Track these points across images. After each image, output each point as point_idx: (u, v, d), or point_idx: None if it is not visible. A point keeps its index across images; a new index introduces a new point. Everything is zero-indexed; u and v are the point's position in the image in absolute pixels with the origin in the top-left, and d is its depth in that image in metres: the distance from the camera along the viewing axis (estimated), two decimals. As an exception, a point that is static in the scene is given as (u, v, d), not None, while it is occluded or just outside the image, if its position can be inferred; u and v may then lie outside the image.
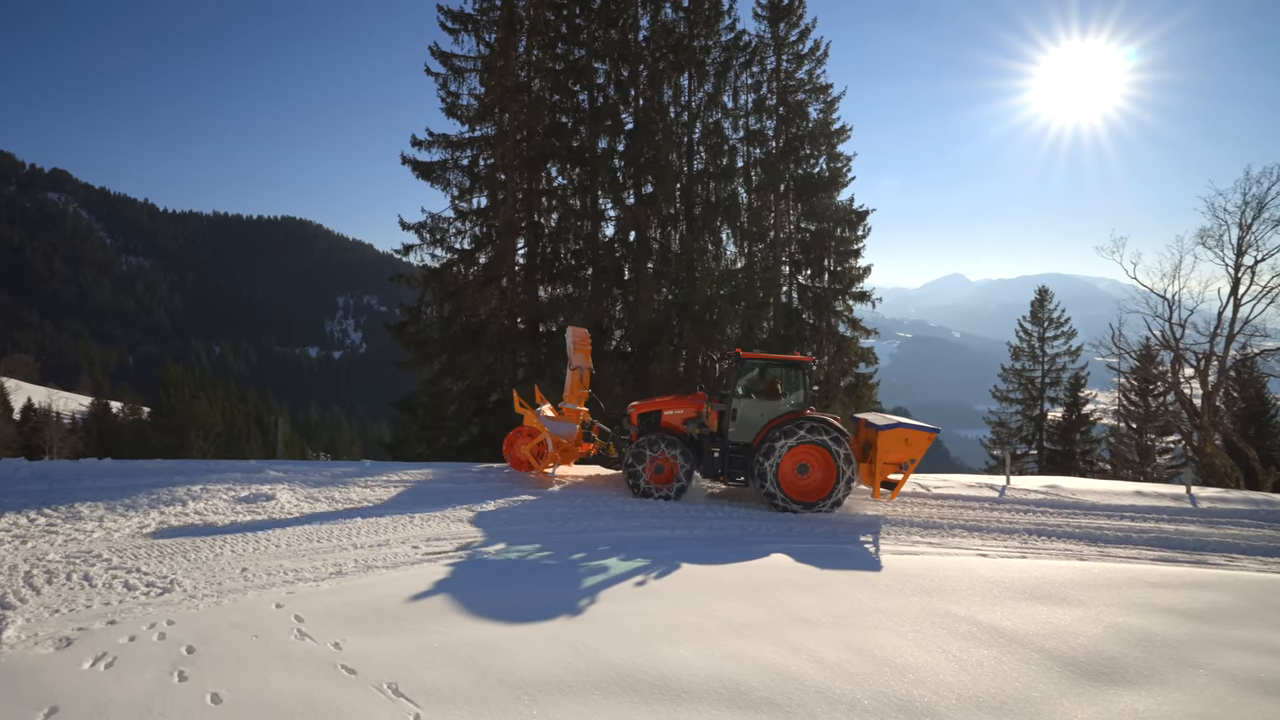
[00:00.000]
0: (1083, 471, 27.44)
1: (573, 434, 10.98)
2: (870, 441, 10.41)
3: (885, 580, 6.14)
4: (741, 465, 10.15)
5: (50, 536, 6.30)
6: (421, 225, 21.13)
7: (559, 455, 10.83)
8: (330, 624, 4.40)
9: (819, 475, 9.93)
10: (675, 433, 10.37)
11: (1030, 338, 31.40)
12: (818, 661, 4.37)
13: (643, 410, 10.76)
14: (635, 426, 10.72)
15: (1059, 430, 29.95)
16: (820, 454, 9.87)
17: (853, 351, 23.57)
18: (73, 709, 3.27)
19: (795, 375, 10.58)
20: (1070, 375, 30.47)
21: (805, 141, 23.85)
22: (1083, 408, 29.74)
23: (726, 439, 10.21)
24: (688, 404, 10.73)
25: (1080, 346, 30.81)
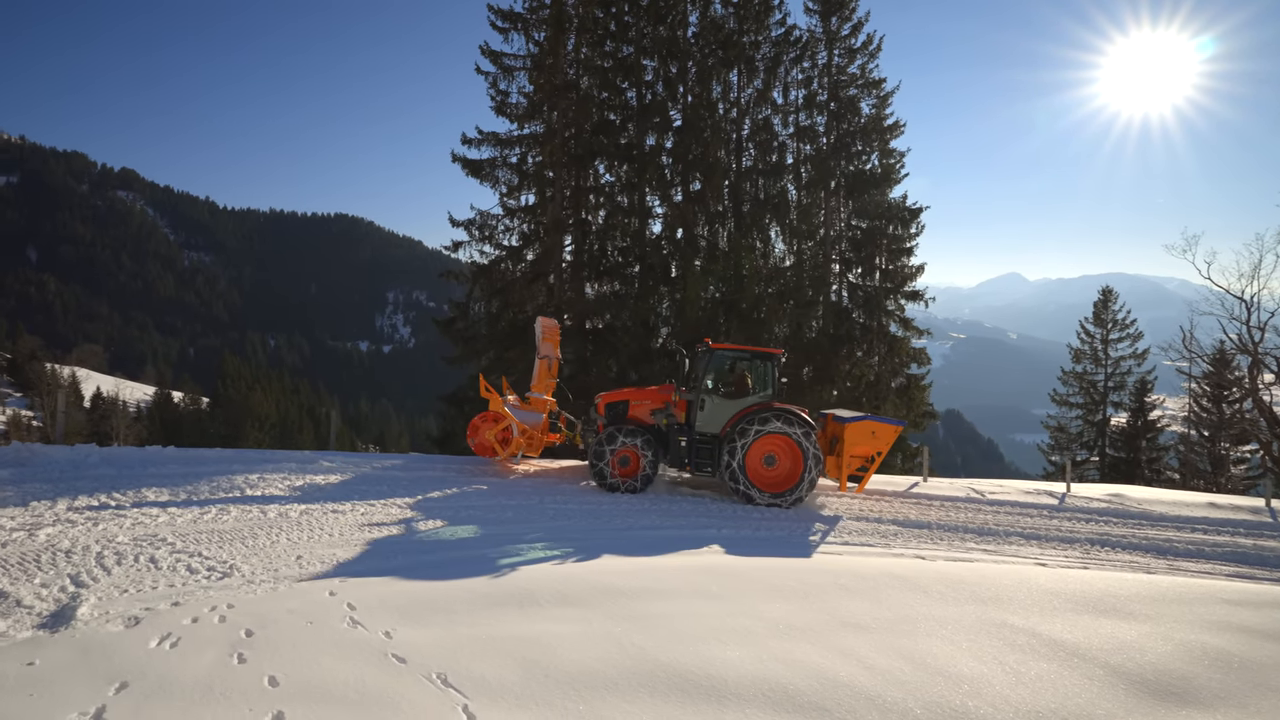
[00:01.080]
0: (1149, 480, 26.17)
1: (539, 423, 10.93)
2: (837, 435, 10.49)
3: (938, 587, 5.95)
4: (708, 455, 10.17)
5: (119, 520, 6.60)
6: (470, 222, 21.48)
7: (523, 442, 10.71)
8: (381, 613, 4.48)
9: (786, 466, 9.98)
10: (640, 423, 10.33)
11: (1093, 340, 30.11)
12: (868, 668, 4.26)
13: (610, 400, 10.74)
14: (602, 417, 10.66)
15: (1123, 437, 28.65)
16: (788, 445, 9.91)
17: (904, 352, 23.03)
18: (141, 684, 3.41)
19: (764, 367, 10.66)
20: (1136, 379, 29.08)
21: (857, 137, 23.39)
22: (1149, 413, 28.38)
23: (694, 429, 10.22)
24: (655, 394, 10.76)
25: (1147, 350, 29.37)
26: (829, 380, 21.92)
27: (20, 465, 8.35)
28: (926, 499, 10.47)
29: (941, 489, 11.45)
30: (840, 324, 22.63)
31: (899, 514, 9.52)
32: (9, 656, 3.58)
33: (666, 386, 10.93)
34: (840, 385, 22.22)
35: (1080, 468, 28.00)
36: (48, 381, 55.72)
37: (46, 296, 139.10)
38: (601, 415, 10.62)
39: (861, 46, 23.58)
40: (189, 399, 53.92)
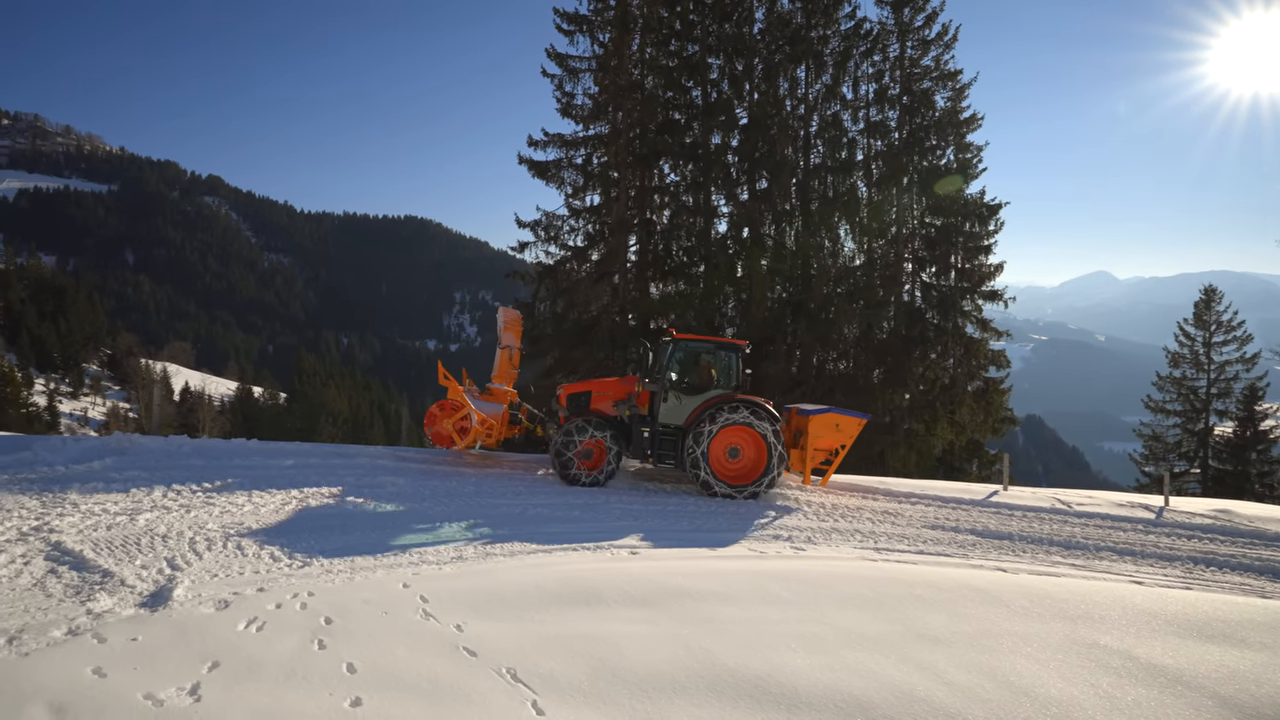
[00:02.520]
0: (1259, 496, 24.14)
1: (498, 414, 10.76)
2: (801, 428, 10.34)
3: (1022, 602, 5.64)
4: (671, 447, 10.06)
5: (209, 508, 6.98)
6: (536, 223, 21.83)
7: (481, 432, 10.41)
8: (453, 606, 4.58)
9: (750, 458, 9.89)
10: (602, 415, 10.18)
11: (1193, 342, 27.96)
12: (947, 684, 4.07)
13: (572, 392, 10.60)
14: (564, 408, 10.53)
15: (1228, 448, 26.50)
16: (752, 436, 9.84)
17: (981, 354, 22.04)
18: (230, 665, 3.59)
19: (729, 358, 10.48)
20: (1244, 386, 26.82)
21: (931, 132, 22.53)
22: (1260, 423, 26.13)
23: (657, 420, 10.10)
24: (618, 385, 10.63)
25: (1257, 354, 27.06)
26: (900, 383, 21.21)
27: (121, 454, 8.95)
28: (1007, 508, 9.96)
29: (1023, 498, 10.88)
30: (913, 325, 21.87)
31: (977, 523, 9.09)
32: (116, 631, 3.83)
33: (630, 378, 10.88)
34: (912, 388, 21.47)
35: (1179, 480, 26.08)
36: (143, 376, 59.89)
37: (142, 296, 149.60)
38: (564, 407, 10.53)
39: (936, 37, 22.71)
40: (268, 394, 56.94)
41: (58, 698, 3.11)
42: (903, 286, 22.58)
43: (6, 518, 5.97)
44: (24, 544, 5.32)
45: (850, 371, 21.79)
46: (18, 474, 7.54)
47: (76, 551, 5.21)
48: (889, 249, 22.51)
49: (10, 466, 7.85)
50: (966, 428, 21.18)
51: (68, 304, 78.68)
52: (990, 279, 22.51)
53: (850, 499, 10.02)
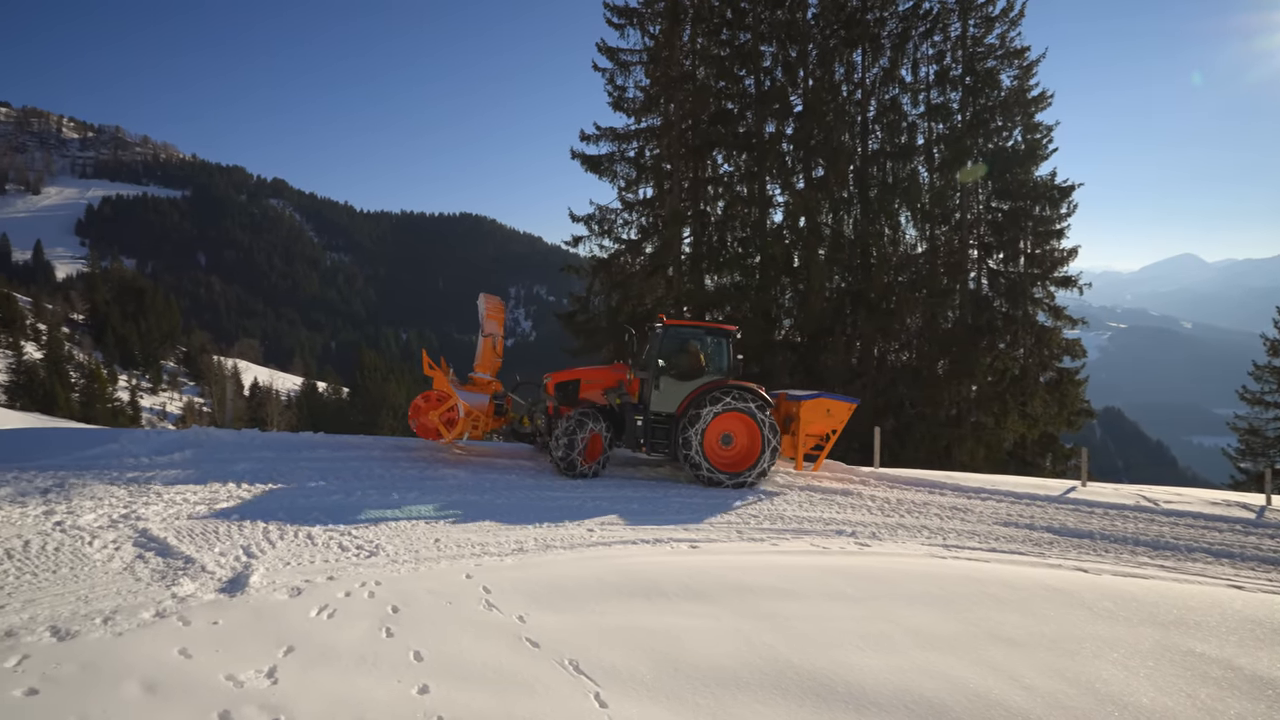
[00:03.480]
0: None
1: (483, 405, 10.32)
2: (792, 414, 10.21)
3: (1106, 604, 5.33)
4: (664, 435, 9.88)
5: (280, 498, 7.26)
6: (590, 217, 21.96)
7: (468, 424, 10.05)
8: (515, 598, 4.62)
9: (744, 445, 9.80)
10: (596, 405, 10.00)
11: (1294, 328, 25.97)
12: (1025, 688, 3.87)
13: (560, 380, 10.32)
14: (552, 397, 10.27)
15: (1340, 444, 24.52)
16: (745, 423, 9.73)
17: (1054, 343, 21.01)
18: (304, 650, 3.70)
19: (719, 344, 10.27)
20: (1357, 377, 24.77)
21: (996, 112, 21.55)
22: (1370, 415, 24.13)
23: (648, 408, 9.92)
24: (607, 374, 10.43)
25: (1372, 340, 24.97)
26: (967, 374, 20.44)
27: (199, 446, 9.42)
28: (1086, 505, 9.44)
29: (1104, 495, 10.31)
30: (980, 314, 21.02)
31: (1053, 521, 8.65)
32: (199, 615, 4.01)
33: (619, 365, 10.70)
34: (980, 379, 20.66)
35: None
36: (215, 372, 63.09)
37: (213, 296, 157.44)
38: (551, 396, 10.30)
39: (1001, 14, 21.68)
40: (331, 389, 59.18)
41: (149, 676, 3.27)
42: (968, 274, 21.73)
43: (99, 505, 6.35)
44: (114, 530, 5.64)
45: (913, 363, 21.13)
46: (107, 465, 8.02)
47: (161, 538, 5.49)
48: (953, 235, 21.70)
49: (101, 458, 8.36)
50: (1039, 420, 20.26)
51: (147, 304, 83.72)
52: (1063, 264, 21.44)
53: (916, 494, 9.70)
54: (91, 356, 71.75)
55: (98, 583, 4.52)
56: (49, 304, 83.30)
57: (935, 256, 21.46)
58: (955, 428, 20.21)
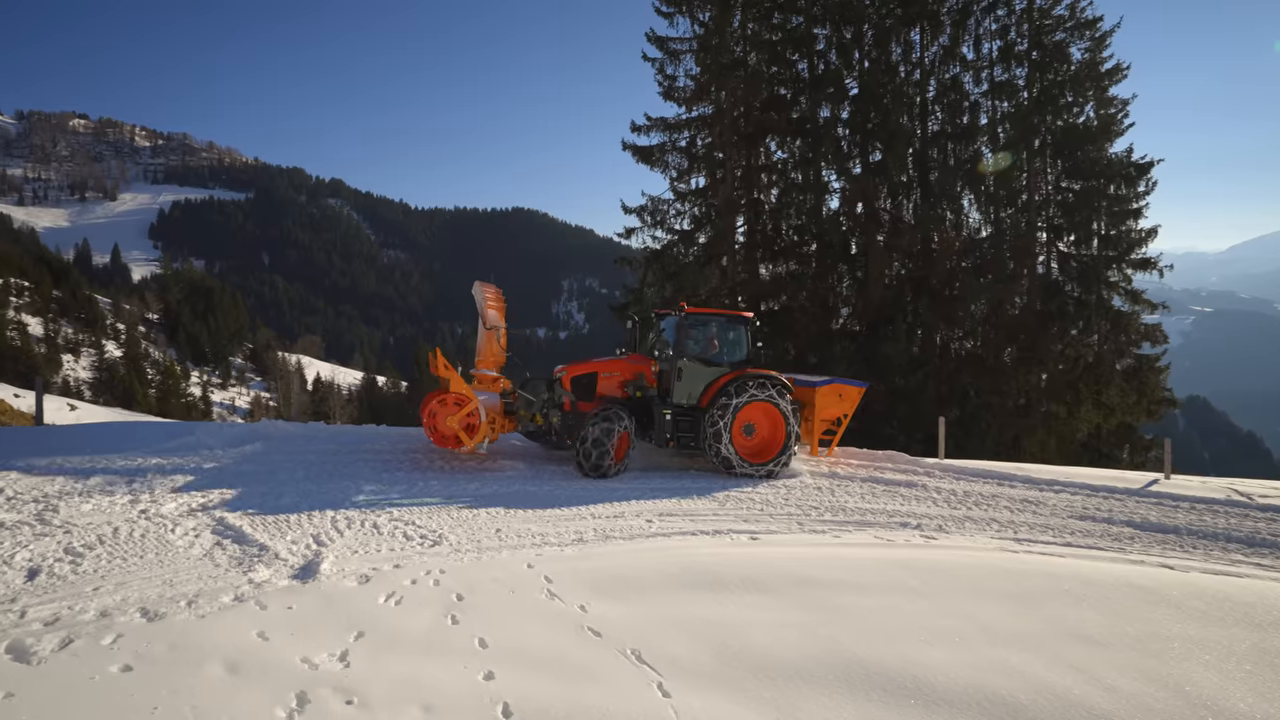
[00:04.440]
0: None
1: (496, 405, 9.58)
2: (805, 399, 10.06)
3: (1195, 604, 5.01)
4: (689, 428, 9.45)
5: (345, 489, 7.49)
6: (641, 208, 21.93)
7: (489, 429, 9.17)
8: (576, 587, 4.65)
9: (765, 434, 9.64)
10: (618, 400, 9.46)
11: (1402, 309, 23.94)
12: (1108, 689, 3.68)
13: (576, 374, 9.66)
14: (569, 392, 9.54)
15: None
16: (767, 411, 9.57)
17: (1132, 329, 19.90)
18: (374, 635, 3.82)
19: (739, 331, 10.02)
20: None
21: (1066, 88, 20.48)
22: None
23: (670, 400, 9.49)
24: (624, 366, 9.87)
25: None
26: (1037, 362, 19.58)
27: (268, 438, 9.85)
28: (1170, 499, 8.91)
29: (1190, 488, 9.70)
30: (1050, 299, 20.08)
31: (1134, 514, 8.19)
32: (274, 600, 4.18)
33: (634, 356, 10.18)
34: (1050, 368, 19.77)
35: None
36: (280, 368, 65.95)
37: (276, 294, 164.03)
38: (568, 391, 9.58)
39: (1071, -17, 20.57)
40: (390, 383, 61.10)
41: (230, 657, 3.43)
42: (1037, 258, 20.78)
43: (179, 495, 6.69)
44: (194, 519, 5.94)
45: (978, 351, 20.38)
46: (186, 456, 8.45)
47: (236, 526, 5.75)
48: (1019, 218, 20.79)
49: (179, 449, 8.82)
50: (1116, 410, 19.25)
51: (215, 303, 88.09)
52: (1141, 246, 20.29)
53: (984, 486, 9.33)
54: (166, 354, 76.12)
55: (180, 568, 4.77)
56: (126, 305, 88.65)
57: (1001, 240, 20.62)
58: (1024, 418, 19.42)
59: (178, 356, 76.87)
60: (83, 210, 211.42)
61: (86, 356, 71.15)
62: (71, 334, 73.83)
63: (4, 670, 3.16)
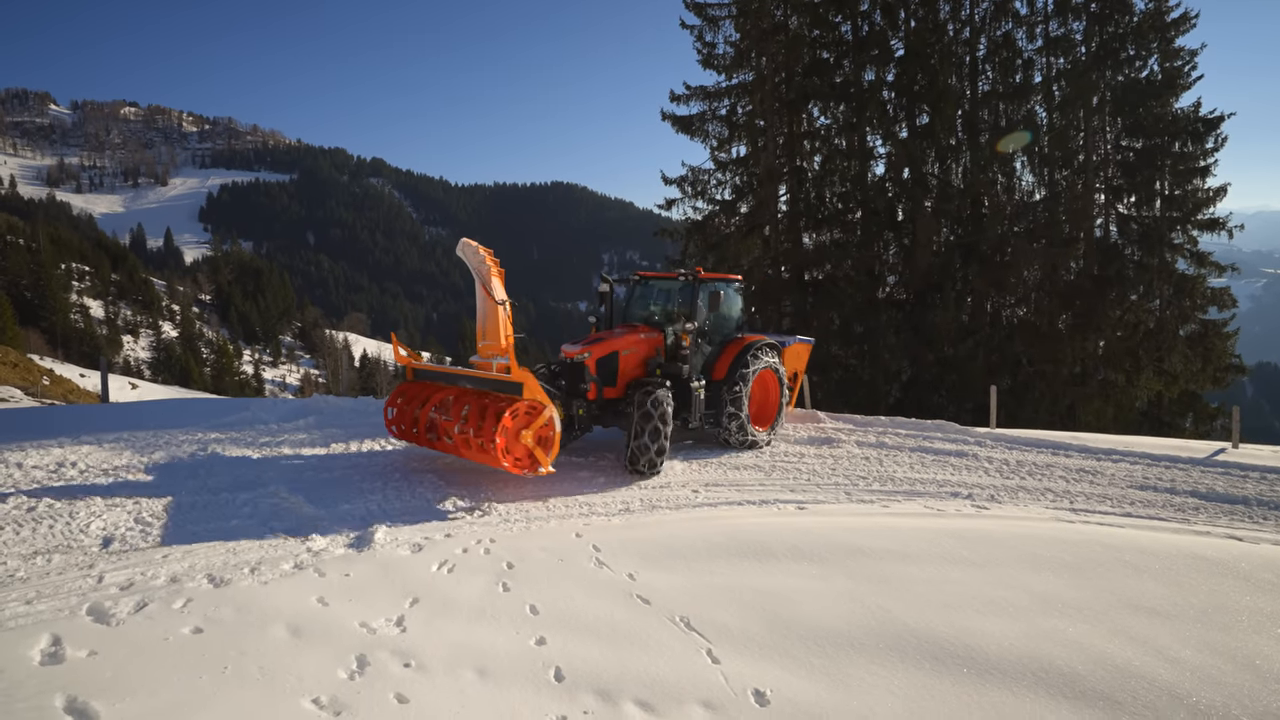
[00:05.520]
0: None
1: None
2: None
3: (1266, 575, 4.81)
4: (711, 404, 8.76)
5: (394, 459, 7.72)
6: (682, 179, 21.69)
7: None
8: (624, 556, 4.71)
9: (758, 401, 9.48)
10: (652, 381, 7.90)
11: None
12: (1170, 661, 3.57)
13: (603, 355, 8.10)
14: (595, 377, 7.98)
15: None
16: (765, 378, 9.47)
17: (1198, 293, 18.93)
18: (428, 602, 3.93)
19: (737, 296, 9.89)
20: None
21: (1128, 40, 19.33)
22: None
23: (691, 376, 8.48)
24: (641, 341, 8.45)
25: None
26: (1093, 329, 18.84)
27: (320, 413, 10.16)
28: (1239, 469, 8.51)
29: (1261, 457, 9.25)
30: (1108, 263, 19.22)
31: (1199, 485, 7.86)
32: (332, 568, 4.34)
33: (637, 328, 8.75)
34: (1108, 334, 19.00)
35: None
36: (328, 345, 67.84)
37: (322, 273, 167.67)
38: (594, 375, 8.02)
39: (1134, -72, 19.31)
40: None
41: (293, 621, 3.58)
42: (1094, 221, 19.88)
43: (237, 466, 6.97)
44: (252, 490, 6.18)
45: (1031, 318, 19.70)
46: (243, 430, 8.79)
47: (293, 498, 5.96)
48: (1075, 179, 19.87)
49: (236, 424, 9.18)
50: (1179, 378, 18.44)
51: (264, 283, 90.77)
52: (1208, 205, 19.20)
53: (1037, 455, 9.07)
54: (219, 333, 79.07)
55: (242, 536, 4.98)
56: (180, 286, 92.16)
57: (1056, 203, 19.77)
58: (1079, 386, 18.75)
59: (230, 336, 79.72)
60: (136, 196, 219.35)
61: (145, 337, 74.38)
62: (130, 316, 77.22)
63: (86, 630, 3.36)
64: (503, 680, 3.19)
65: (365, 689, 3.04)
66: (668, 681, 3.23)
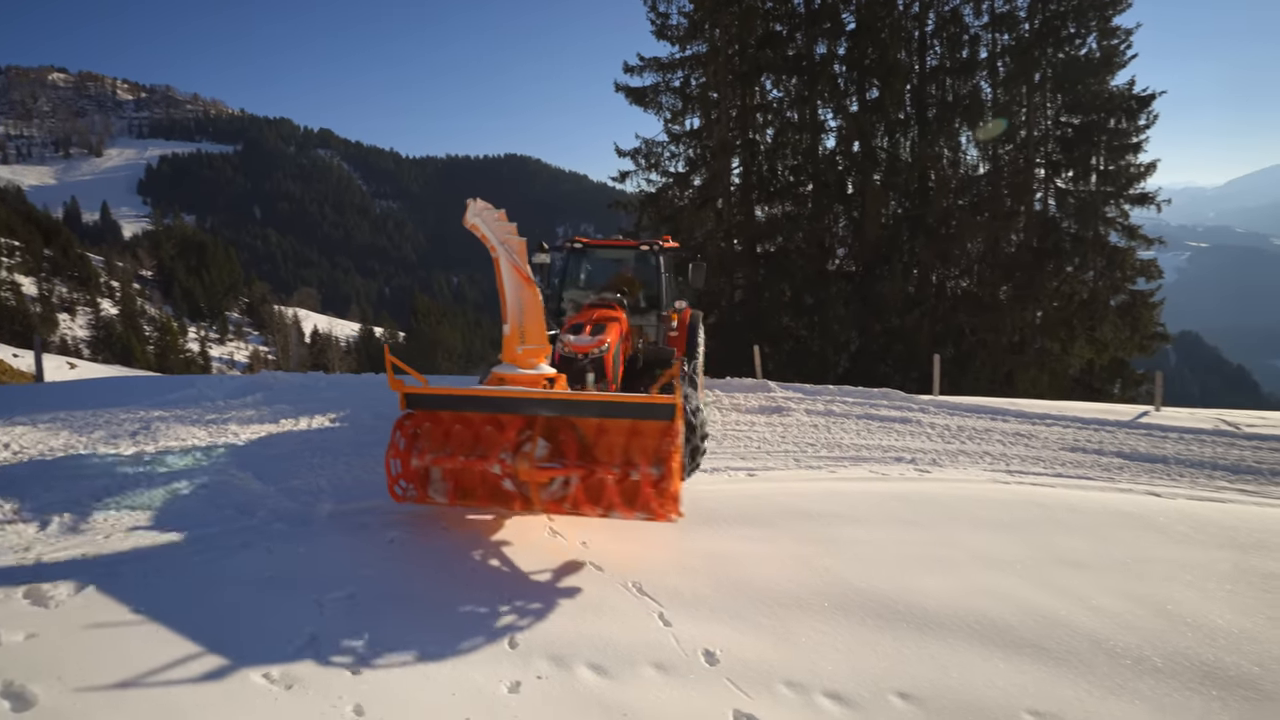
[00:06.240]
0: None
1: None
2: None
3: (1180, 528, 5.17)
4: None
5: (347, 433, 7.56)
6: (636, 151, 21.55)
7: None
8: (577, 526, 4.76)
9: None
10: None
11: (1398, 240, 23.83)
12: (1092, 609, 3.83)
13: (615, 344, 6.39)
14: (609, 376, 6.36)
15: None
16: None
17: (1128, 265, 19.79)
18: (381, 576, 3.92)
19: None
20: None
21: (1068, 19, 19.81)
22: None
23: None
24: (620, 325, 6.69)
25: None
26: (1032, 299, 19.59)
27: (268, 389, 9.87)
28: (1160, 430, 9.06)
29: (1179, 419, 9.86)
30: (1046, 236, 19.93)
31: (1124, 446, 8.35)
32: (281, 544, 4.28)
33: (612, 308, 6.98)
34: (1045, 305, 19.80)
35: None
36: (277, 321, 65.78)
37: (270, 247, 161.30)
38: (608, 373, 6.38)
39: (1076, -94, 19.68)
40: (388, 334, 61.12)
41: (241, 598, 3.54)
42: (1034, 195, 20.53)
43: (183, 444, 6.75)
44: (200, 468, 6.00)
45: (974, 289, 20.36)
46: (188, 408, 8.47)
47: (242, 474, 5.82)
48: (1018, 154, 20.45)
49: (181, 401, 8.85)
50: (1109, 346, 19.36)
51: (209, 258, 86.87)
52: (1139, 180, 19.97)
53: (977, 421, 9.46)
54: (162, 310, 75.57)
55: (190, 515, 4.84)
56: (119, 262, 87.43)
57: (999, 177, 20.34)
58: (1018, 355, 19.54)
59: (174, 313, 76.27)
60: (69, 167, 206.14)
61: (83, 315, 70.61)
62: (66, 293, 73.06)
63: (24, 613, 3.25)
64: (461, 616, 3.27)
65: (320, 666, 3.04)
66: (620, 644, 3.31)
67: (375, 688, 2.91)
